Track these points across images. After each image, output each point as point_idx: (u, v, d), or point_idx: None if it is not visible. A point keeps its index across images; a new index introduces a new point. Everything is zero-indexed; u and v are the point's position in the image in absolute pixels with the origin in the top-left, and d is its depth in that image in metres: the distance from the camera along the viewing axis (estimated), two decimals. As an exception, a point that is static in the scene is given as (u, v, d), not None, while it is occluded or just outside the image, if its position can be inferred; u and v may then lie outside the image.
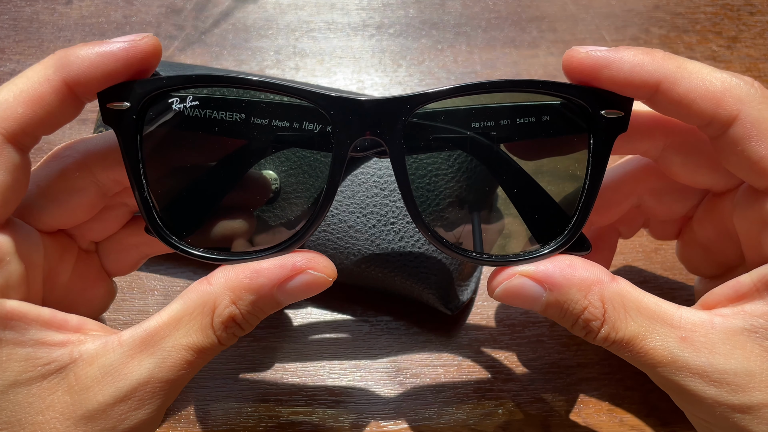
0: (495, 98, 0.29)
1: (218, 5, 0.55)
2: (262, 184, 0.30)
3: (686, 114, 0.27)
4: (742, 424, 0.26)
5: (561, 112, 0.29)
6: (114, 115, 0.27)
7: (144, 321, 0.27)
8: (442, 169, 0.32)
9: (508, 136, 0.29)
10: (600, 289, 0.27)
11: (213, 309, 0.27)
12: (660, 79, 0.27)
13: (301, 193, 0.30)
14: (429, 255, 0.38)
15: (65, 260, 0.31)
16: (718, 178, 0.31)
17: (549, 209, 0.30)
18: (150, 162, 0.28)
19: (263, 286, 0.27)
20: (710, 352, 0.26)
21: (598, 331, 0.28)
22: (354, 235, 0.38)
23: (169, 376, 0.26)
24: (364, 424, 0.38)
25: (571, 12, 0.55)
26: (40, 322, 0.26)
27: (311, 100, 0.27)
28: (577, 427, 0.38)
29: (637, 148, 0.32)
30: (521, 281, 0.28)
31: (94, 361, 0.26)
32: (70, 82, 0.26)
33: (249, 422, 0.38)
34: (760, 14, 0.56)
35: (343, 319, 0.41)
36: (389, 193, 0.38)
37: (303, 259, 0.27)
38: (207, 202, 0.30)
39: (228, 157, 0.30)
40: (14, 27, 0.53)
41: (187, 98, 0.28)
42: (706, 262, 0.36)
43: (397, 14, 0.55)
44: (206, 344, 0.27)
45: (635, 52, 0.27)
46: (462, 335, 0.41)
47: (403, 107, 0.27)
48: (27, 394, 0.26)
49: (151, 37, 0.27)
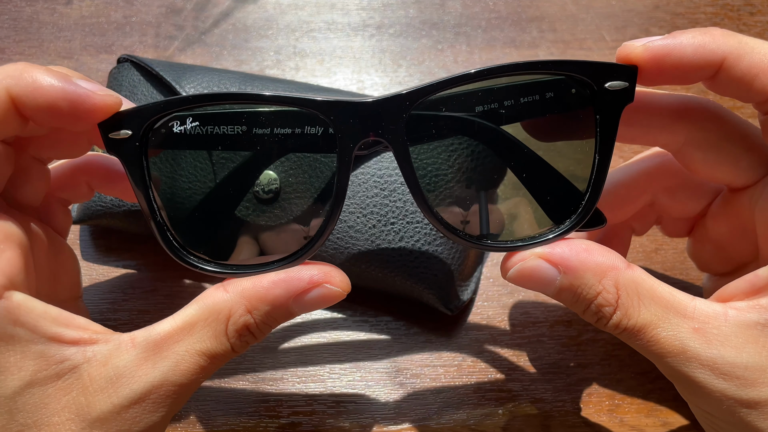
0: (496, 84, 0.29)
1: (218, 5, 0.55)
2: (269, 194, 0.30)
3: (747, 90, 0.27)
4: (748, 419, 0.26)
5: (564, 90, 0.28)
6: (116, 144, 0.27)
7: (157, 324, 0.27)
8: (447, 160, 0.32)
9: (514, 117, 0.29)
10: (615, 275, 0.27)
11: (228, 317, 0.27)
12: (724, 56, 0.27)
13: (309, 200, 0.30)
14: (429, 255, 0.38)
15: (40, 244, 0.31)
16: (738, 174, 0.31)
17: (561, 188, 0.30)
18: (158, 185, 0.28)
19: (279, 297, 0.27)
20: (722, 345, 0.26)
21: (609, 318, 0.27)
22: (354, 235, 0.38)
23: (182, 380, 0.26)
24: (364, 424, 0.38)
25: (571, 12, 0.55)
26: (49, 318, 0.26)
27: (310, 107, 0.27)
28: (577, 427, 0.38)
29: (657, 139, 0.31)
30: (536, 263, 0.28)
31: (107, 362, 0.26)
32: (14, 96, 0.26)
33: (249, 422, 0.38)
34: (760, 14, 0.56)
35: (343, 319, 0.41)
36: (389, 193, 0.38)
37: (320, 273, 0.28)
38: (217, 218, 0.31)
39: (233, 170, 0.30)
40: (14, 27, 0.53)
41: (188, 118, 0.28)
42: (717, 259, 0.36)
43: (397, 14, 0.55)
44: (220, 351, 0.27)
45: (693, 34, 0.27)
46: (462, 335, 0.41)
47: (403, 104, 0.27)
48: (43, 394, 0.26)
49: (111, 96, 0.26)
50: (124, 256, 0.43)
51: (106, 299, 0.41)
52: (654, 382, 0.39)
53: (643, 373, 0.40)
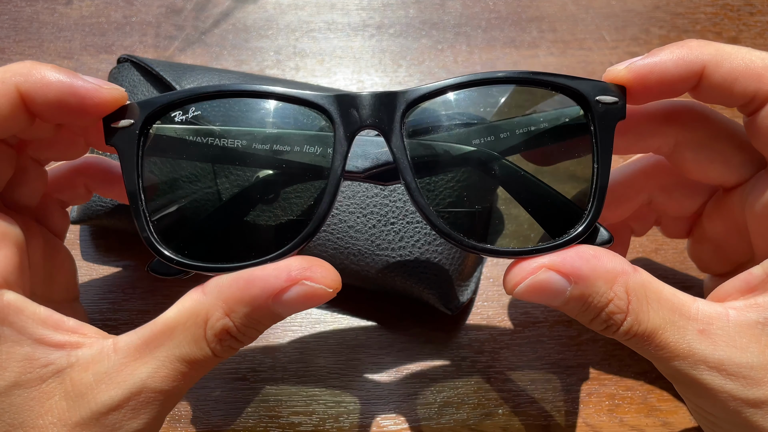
0: (493, 92, 0.29)
1: (218, 5, 0.55)
2: (261, 191, 0.30)
3: (729, 94, 0.27)
4: (754, 419, 0.26)
5: (559, 119, 0.29)
6: (115, 133, 0.27)
7: (140, 327, 0.27)
8: (446, 170, 0.32)
9: (513, 152, 0.29)
10: (625, 280, 0.26)
11: (205, 321, 0.26)
12: (703, 64, 0.27)
13: (302, 195, 0.30)
14: (429, 255, 0.38)
15: (36, 245, 0.31)
16: (729, 172, 0.31)
17: (561, 202, 0.30)
18: (149, 178, 0.28)
19: (257, 297, 0.25)
20: (727, 345, 0.26)
21: (620, 325, 0.26)
22: (354, 235, 0.38)
23: (162, 387, 0.26)
24: (364, 424, 0.38)
25: (571, 12, 0.55)
26: (37, 320, 0.26)
27: (310, 101, 0.27)
28: (577, 427, 0.38)
29: (650, 145, 0.32)
30: (547, 276, 0.26)
31: (89, 368, 0.26)
32: (23, 93, 0.26)
33: (249, 422, 0.38)
34: (760, 14, 0.56)
35: (344, 319, 0.41)
36: (389, 193, 0.38)
37: (299, 268, 0.26)
38: (203, 213, 0.30)
39: (223, 166, 0.30)
40: (14, 27, 0.53)
41: (189, 110, 0.28)
42: (716, 259, 0.36)
43: (397, 14, 0.55)
44: (199, 356, 0.26)
45: (671, 49, 0.28)
46: (462, 335, 0.41)
47: (399, 104, 0.28)
48: (27, 396, 0.25)
49: (116, 90, 0.27)
50: (124, 256, 0.43)
51: (106, 299, 0.41)
52: (654, 382, 0.39)
53: (643, 373, 0.40)
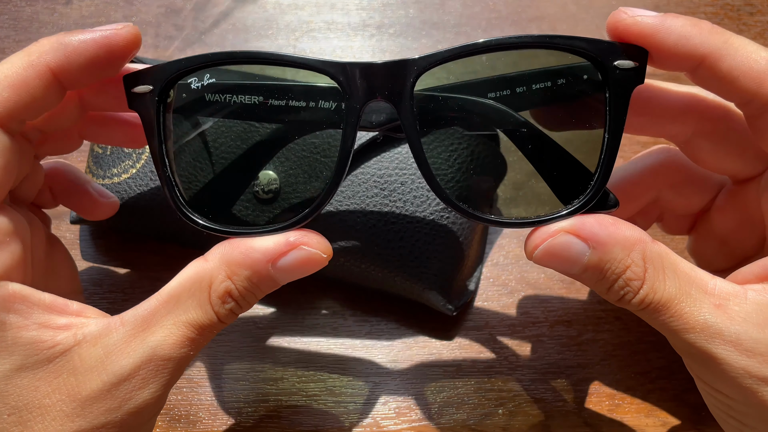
0: (504, 58, 0.29)
1: (218, 5, 0.55)
2: (275, 163, 0.32)
3: (727, 90, 0.27)
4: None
5: (576, 76, 0.28)
6: (136, 98, 0.28)
7: (144, 301, 0.27)
8: (455, 140, 0.32)
9: (524, 107, 0.29)
10: (642, 248, 0.26)
11: (210, 284, 0.27)
12: (705, 54, 0.26)
13: (315, 174, 0.32)
14: (429, 255, 0.38)
15: (39, 239, 0.31)
16: (745, 164, 0.31)
17: (571, 167, 0.29)
18: (169, 141, 0.29)
19: (257, 261, 0.27)
20: (744, 322, 0.26)
21: (636, 292, 0.26)
22: (354, 235, 0.38)
23: (171, 354, 0.27)
24: (364, 424, 0.38)
25: (571, 12, 0.55)
26: (42, 306, 0.27)
27: (321, 69, 0.28)
28: (577, 427, 0.38)
29: (667, 131, 0.32)
30: (566, 239, 0.27)
31: (97, 342, 0.26)
32: (54, 68, 0.26)
33: (249, 422, 0.38)
34: (760, 14, 0.56)
35: (344, 320, 0.41)
36: (389, 193, 0.38)
37: (296, 234, 0.28)
38: (220, 181, 0.32)
39: (242, 136, 0.31)
40: (14, 27, 0.53)
41: (205, 75, 0.29)
42: (720, 254, 0.36)
43: (397, 14, 0.55)
44: (205, 321, 0.27)
45: (683, 23, 0.27)
46: (462, 335, 0.41)
47: (411, 69, 0.28)
48: (33, 378, 0.26)
49: (131, 26, 0.27)
50: (124, 256, 0.43)
51: (106, 299, 0.41)
52: (654, 382, 0.39)
53: (643, 373, 0.40)
